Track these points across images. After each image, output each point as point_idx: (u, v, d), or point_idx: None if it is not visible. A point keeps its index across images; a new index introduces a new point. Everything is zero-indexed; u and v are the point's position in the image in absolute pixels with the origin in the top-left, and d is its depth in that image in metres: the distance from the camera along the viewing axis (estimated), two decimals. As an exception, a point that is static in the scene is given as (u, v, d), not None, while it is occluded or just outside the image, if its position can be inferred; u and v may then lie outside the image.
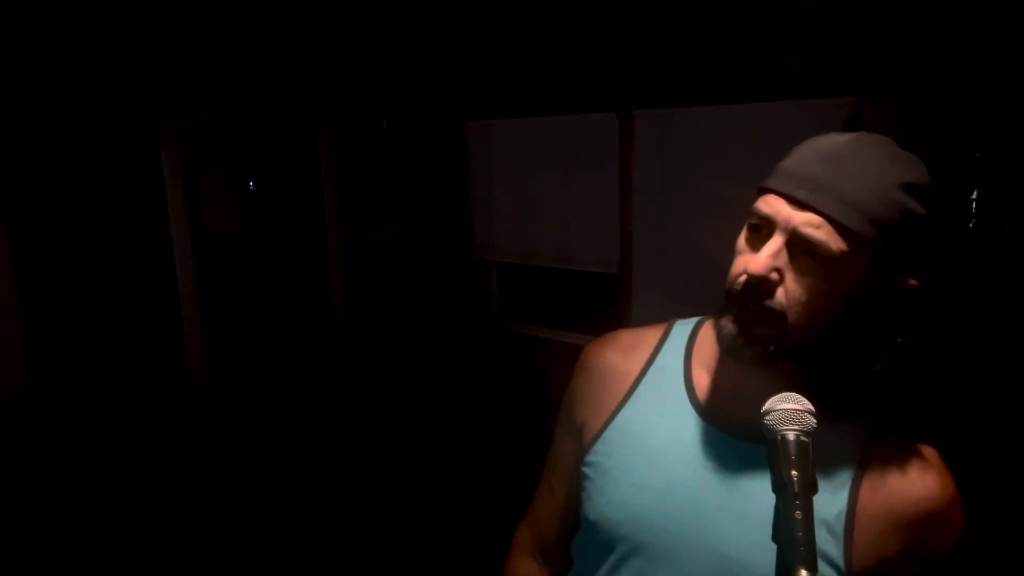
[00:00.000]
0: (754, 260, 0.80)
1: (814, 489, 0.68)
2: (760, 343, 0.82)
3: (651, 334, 1.01)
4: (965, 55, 2.30)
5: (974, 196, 2.37)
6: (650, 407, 0.94)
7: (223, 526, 3.09)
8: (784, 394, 0.74)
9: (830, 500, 0.82)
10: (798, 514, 0.65)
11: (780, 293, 0.81)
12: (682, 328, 1.01)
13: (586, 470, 0.96)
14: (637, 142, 3.12)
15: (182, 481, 3.17)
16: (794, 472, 0.68)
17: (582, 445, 0.98)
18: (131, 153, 3.16)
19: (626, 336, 1.03)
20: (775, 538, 0.67)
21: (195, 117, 3.23)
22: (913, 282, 0.84)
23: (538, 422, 3.61)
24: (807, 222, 0.79)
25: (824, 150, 0.82)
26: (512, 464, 3.59)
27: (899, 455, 0.85)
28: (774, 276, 0.80)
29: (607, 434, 0.95)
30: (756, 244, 0.83)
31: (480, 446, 3.76)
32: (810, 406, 0.72)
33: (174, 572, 2.89)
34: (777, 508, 0.67)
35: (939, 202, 0.84)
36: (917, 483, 0.84)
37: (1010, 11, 2.20)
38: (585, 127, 3.29)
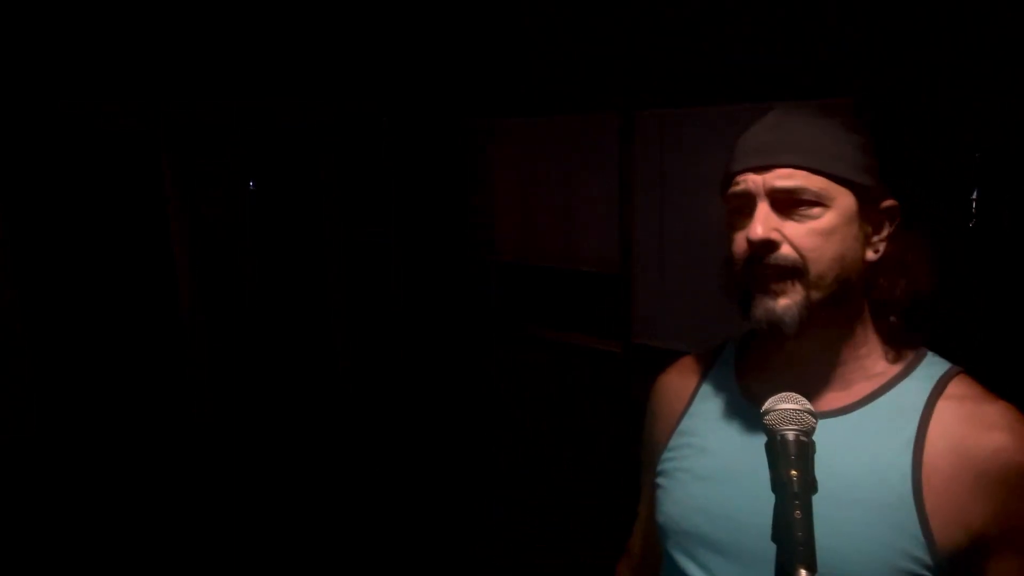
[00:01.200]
0: (751, 229, 0.83)
1: (814, 489, 0.68)
2: (792, 300, 0.83)
3: (704, 352, 1.06)
4: (964, 55, 2.30)
5: (974, 196, 2.37)
6: (707, 410, 0.97)
7: (223, 526, 3.09)
8: (784, 394, 0.74)
9: (893, 462, 0.80)
10: (798, 514, 0.65)
11: (787, 248, 0.83)
12: (731, 344, 1.05)
13: (658, 479, 0.99)
14: (637, 142, 3.12)
15: (182, 481, 3.17)
16: (793, 472, 0.68)
17: (657, 458, 1.01)
18: (131, 153, 3.16)
19: (688, 359, 1.08)
20: (775, 538, 0.67)
21: (195, 117, 3.23)
22: (889, 201, 0.89)
23: (538, 422, 3.61)
24: (776, 177, 0.83)
25: (764, 124, 0.88)
26: (512, 464, 3.60)
27: (968, 412, 0.82)
28: (775, 235, 0.83)
29: (672, 442, 0.99)
30: (744, 223, 0.86)
31: (480, 446, 3.76)
32: (809, 406, 0.73)
33: (175, 572, 2.89)
34: (777, 508, 0.68)
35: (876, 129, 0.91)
36: (991, 436, 0.79)
37: (1009, 11, 2.20)
38: (585, 127, 3.29)
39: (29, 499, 2.82)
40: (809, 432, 0.71)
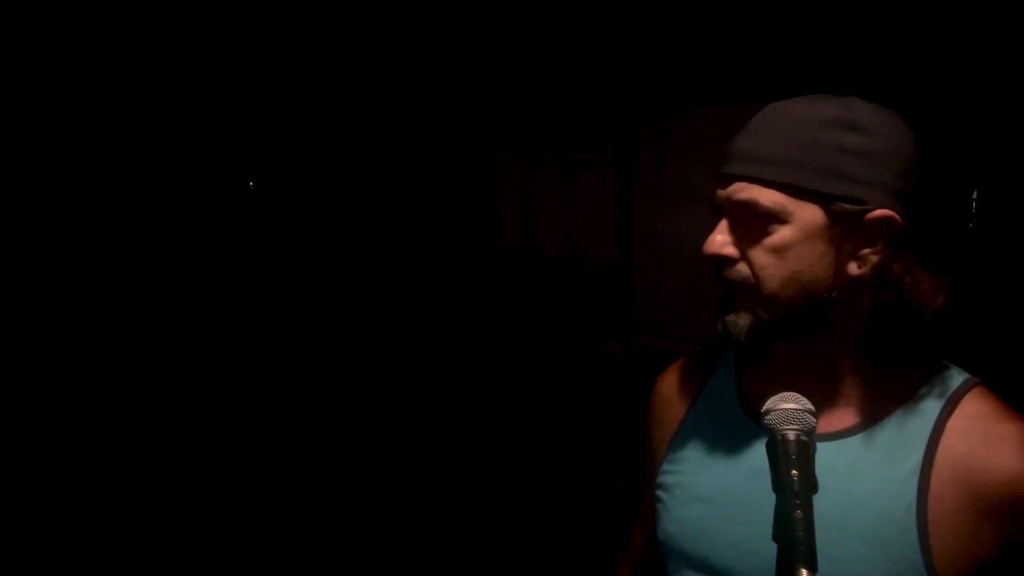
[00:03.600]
0: (707, 242, 0.83)
1: (815, 489, 0.68)
2: (747, 312, 0.82)
3: (704, 354, 1.03)
4: (965, 55, 2.30)
5: (974, 196, 2.37)
6: (707, 420, 0.95)
7: (224, 526, 3.09)
8: (784, 394, 0.74)
9: (896, 492, 0.77)
10: (798, 513, 0.65)
11: (742, 265, 0.82)
12: None
13: (658, 492, 0.96)
14: (638, 147, 3.12)
15: (183, 481, 3.17)
16: (794, 472, 0.68)
17: (656, 467, 0.99)
18: (132, 152, 3.16)
19: (687, 359, 1.05)
20: (775, 538, 0.67)
21: (196, 117, 3.23)
22: (885, 212, 0.78)
23: (538, 422, 3.61)
24: (734, 191, 0.81)
25: (751, 123, 0.84)
26: (512, 464, 3.60)
27: (980, 432, 0.77)
28: (729, 251, 0.82)
29: (671, 453, 0.96)
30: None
31: (479, 446, 3.76)
32: (810, 406, 0.72)
33: (174, 572, 2.89)
34: (777, 508, 0.68)
35: (892, 128, 0.81)
36: (1003, 459, 0.74)
37: (1009, 12, 2.20)
38: (585, 127, 3.29)
39: (30, 498, 2.82)
40: (810, 432, 0.71)
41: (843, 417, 0.83)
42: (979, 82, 2.28)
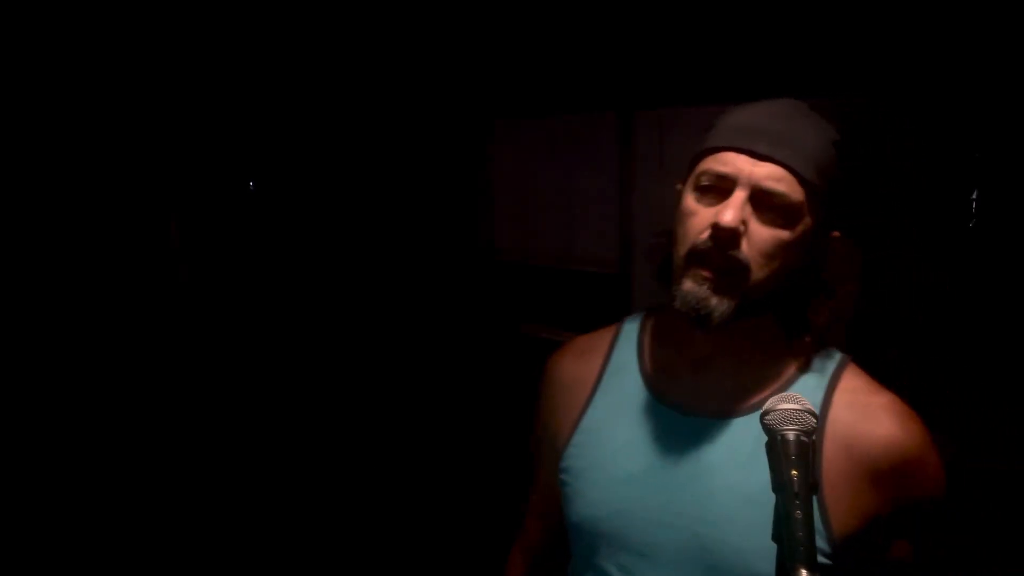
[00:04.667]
0: (722, 213, 0.79)
1: (815, 489, 0.68)
2: (729, 297, 0.82)
3: (605, 335, 1.03)
4: (965, 55, 2.30)
5: (974, 196, 2.37)
6: (612, 404, 0.95)
7: (223, 526, 3.09)
8: (784, 394, 0.74)
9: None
10: (798, 514, 0.65)
11: (744, 245, 0.81)
12: (632, 323, 1.02)
13: (562, 476, 0.97)
14: (637, 142, 3.12)
15: (181, 481, 3.16)
16: (794, 472, 0.68)
17: (558, 454, 0.98)
18: (131, 152, 3.16)
19: (581, 341, 1.05)
20: (775, 538, 0.67)
21: (196, 118, 3.23)
22: (836, 233, 0.87)
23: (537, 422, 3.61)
24: (770, 175, 0.79)
25: (769, 109, 0.84)
26: (511, 464, 3.59)
27: (860, 404, 0.85)
28: (742, 228, 0.81)
29: (576, 438, 0.96)
30: (710, 203, 0.83)
31: (479, 446, 3.76)
32: (810, 406, 0.72)
33: (172, 570, 2.89)
34: (777, 508, 0.67)
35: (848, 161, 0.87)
36: (881, 428, 0.83)
37: (1010, 11, 2.20)
38: (585, 127, 3.29)
39: (29, 497, 2.82)
40: (810, 432, 0.71)
41: (743, 397, 0.88)
42: (979, 82, 2.28)
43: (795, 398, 0.73)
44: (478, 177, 3.81)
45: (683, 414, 0.89)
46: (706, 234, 0.81)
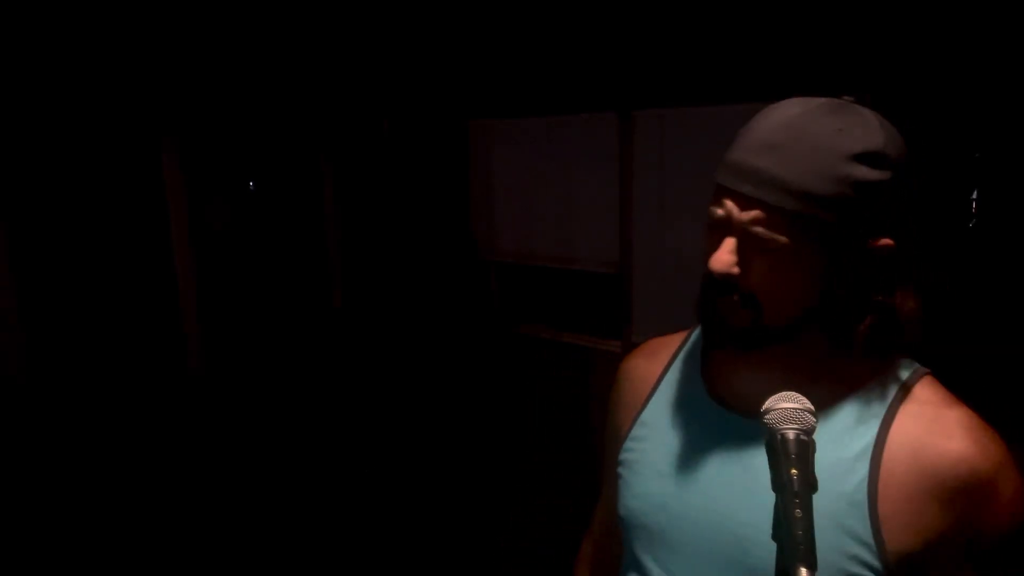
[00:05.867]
0: (715, 258, 0.82)
1: (814, 488, 0.68)
2: (739, 330, 0.83)
3: (676, 337, 1.06)
4: (965, 55, 2.30)
5: (974, 196, 2.37)
6: (669, 400, 0.97)
7: (223, 525, 3.09)
8: (784, 393, 0.74)
9: (848, 469, 0.80)
10: (798, 513, 0.65)
11: (747, 282, 0.82)
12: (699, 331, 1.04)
13: (619, 469, 0.99)
14: (637, 142, 3.12)
15: (181, 480, 3.16)
16: (794, 471, 0.68)
17: (617, 446, 1.01)
18: (131, 152, 3.16)
19: (654, 342, 1.09)
20: (775, 537, 0.67)
21: (195, 117, 3.23)
22: (886, 241, 0.82)
23: (538, 422, 3.61)
24: (753, 220, 0.79)
25: (771, 132, 0.80)
26: (511, 464, 3.59)
27: (929, 416, 0.81)
28: (735, 271, 0.81)
29: (634, 431, 0.99)
30: (716, 242, 0.84)
31: (479, 447, 3.76)
32: (810, 405, 0.72)
33: (170, 569, 2.89)
34: (777, 507, 0.67)
35: (907, 159, 0.85)
36: (952, 442, 0.78)
37: (1010, 11, 2.20)
38: (585, 127, 3.29)
39: (28, 495, 2.82)
40: (810, 431, 0.71)
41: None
42: (979, 82, 2.28)
43: (795, 397, 0.73)
44: (477, 177, 3.81)
45: (733, 412, 0.90)
46: (711, 276, 0.84)
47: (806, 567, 0.62)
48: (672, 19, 2.94)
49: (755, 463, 0.83)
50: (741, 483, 0.85)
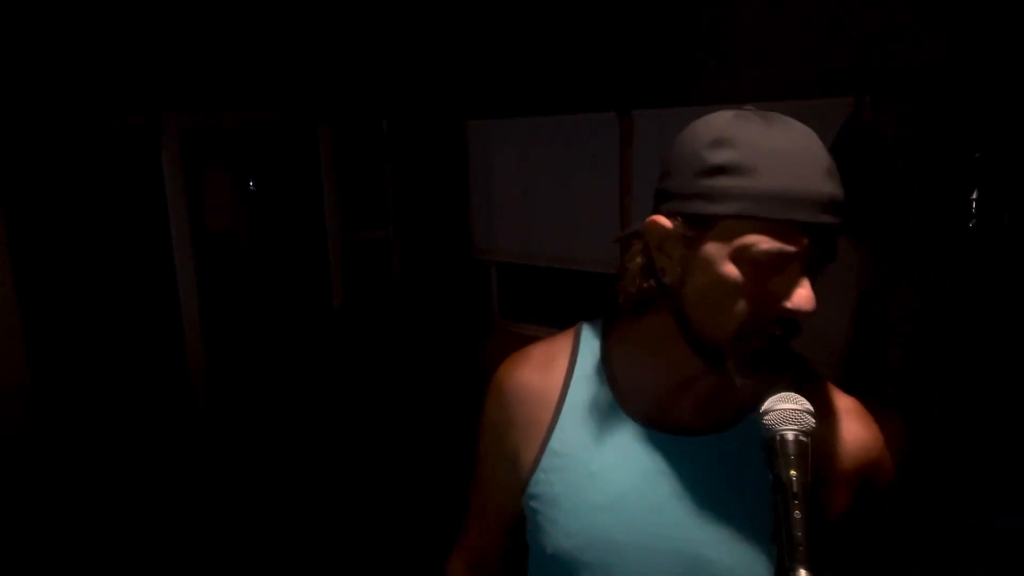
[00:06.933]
0: (806, 298, 0.74)
1: (814, 488, 0.68)
2: (788, 350, 0.79)
3: (562, 343, 0.97)
4: (965, 55, 2.30)
5: (974, 196, 2.37)
6: (582, 423, 0.89)
7: (223, 524, 3.09)
8: (783, 394, 0.73)
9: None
10: (797, 514, 0.65)
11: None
12: (591, 330, 0.97)
13: (532, 504, 0.90)
14: (636, 142, 3.12)
15: (181, 480, 3.16)
16: (793, 472, 0.68)
17: (519, 476, 0.92)
18: (132, 152, 3.16)
19: (537, 351, 0.97)
20: (775, 538, 0.67)
21: (196, 116, 3.23)
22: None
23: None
24: (828, 248, 0.75)
25: (813, 153, 0.75)
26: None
27: (833, 412, 0.86)
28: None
29: (545, 461, 0.90)
30: (773, 279, 0.75)
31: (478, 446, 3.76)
32: (809, 406, 0.72)
33: (170, 569, 2.89)
34: (776, 508, 0.67)
35: None
36: (853, 436, 0.85)
37: (1010, 11, 2.20)
38: (585, 127, 3.29)
39: (27, 496, 2.82)
40: (808, 432, 0.71)
41: (721, 413, 0.86)
42: (979, 82, 2.28)
43: (794, 398, 0.72)
44: (476, 178, 3.81)
45: (663, 432, 0.86)
46: (773, 317, 0.76)
47: (806, 568, 0.62)
48: (672, 20, 2.94)
49: (695, 479, 0.83)
50: (685, 503, 0.83)
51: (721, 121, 0.80)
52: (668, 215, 0.81)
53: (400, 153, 3.84)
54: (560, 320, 4.08)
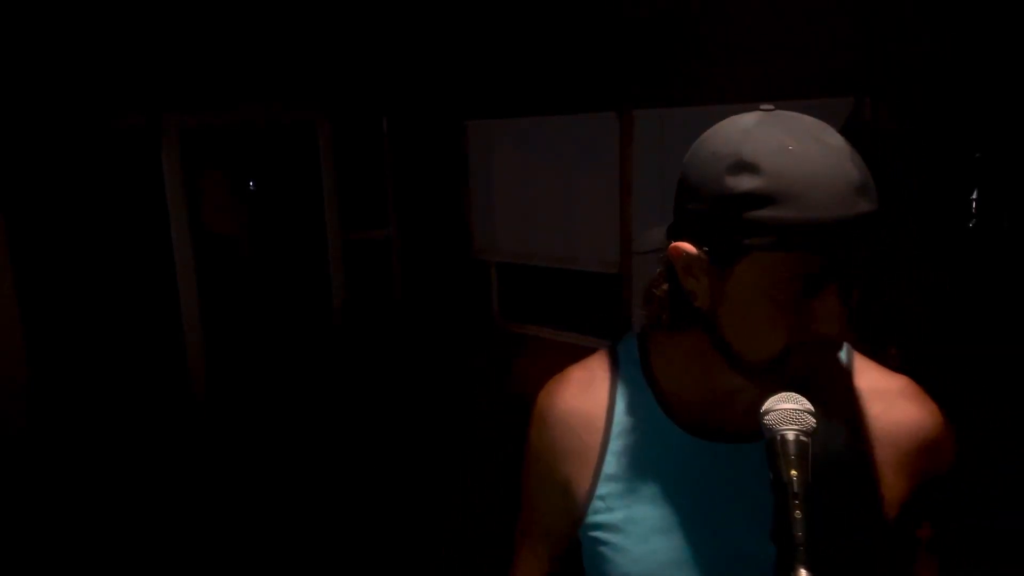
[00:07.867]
0: (828, 322, 0.72)
1: (814, 488, 0.67)
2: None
3: (598, 363, 0.94)
4: (965, 55, 2.30)
5: (974, 196, 2.37)
6: (633, 443, 0.87)
7: (222, 525, 3.09)
8: (783, 394, 0.73)
9: (847, 446, 0.82)
10: (798, 514, 0.65)
11: None
12: (628, 347, 0.94)
13: (592, 534, 0.88)
14: (637, 142, 3.12)
15: (181, 479, 3.16)
16: (794, 472, 0.67)
17: (575, 505, 0.90)
18: (132, 152, 3.16)
19: (575, 374, 0.94)
20: (775, 538, 0.67)
21: (196, 116, 3.23)
22: None
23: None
24: (868, 256, 0.72)
25: (843, 175, 0.71)
26: (511, 463, 3.59)
27: (882, 395, 0.86)
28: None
29: (601, 488, 0.88)
30: (801, 302, 0.73)
31: (479, 446, 3.76)
32: (809, 406, 0.72)
33: (170, 569, 2.89)
34: (777, 508, 0.67)
35: None
36: (908, 416, 0.85)
37: (1009, 11, 2.20)
38: (585, 127, 3.29)
39: (28, 495, 2.82)
40: (809, 432, 0.71)
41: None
42: (979, 82, 2.28)
43: (795, 398, 0.72)
44: (476, 178, 3.81)
45: (712, 440, 0.84)
46: (809, 336, 0.73)
47: (806, 568, 0.62)
48: (671, 20, 2.94)
49: (751, 486, 0.82)
50: (749, 515, 0.81)
51: (740, 133, 0.75)
52: (693, 241, 0.77)
53: (400, 153, 3.84)
54: (560, 320, 4.08)
